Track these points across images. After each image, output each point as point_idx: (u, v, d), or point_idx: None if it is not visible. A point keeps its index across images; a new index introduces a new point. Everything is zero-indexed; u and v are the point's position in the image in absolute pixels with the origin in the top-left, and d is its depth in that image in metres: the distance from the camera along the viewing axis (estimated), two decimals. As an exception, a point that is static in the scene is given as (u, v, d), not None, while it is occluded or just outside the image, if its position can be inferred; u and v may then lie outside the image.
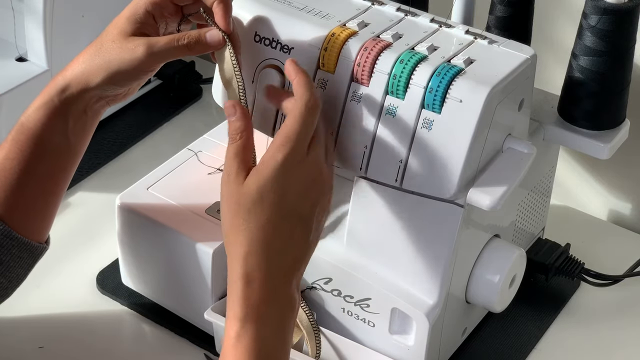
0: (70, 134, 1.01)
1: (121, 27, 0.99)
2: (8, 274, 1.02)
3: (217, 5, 0.97)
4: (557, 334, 1.16)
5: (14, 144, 1.00)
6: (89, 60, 0.99)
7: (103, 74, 0.98)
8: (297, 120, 0.90)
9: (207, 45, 0.97)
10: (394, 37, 0.99)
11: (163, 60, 0.99)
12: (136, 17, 0.99)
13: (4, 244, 1.00)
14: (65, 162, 1.03)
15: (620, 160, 1.26)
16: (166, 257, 1.10)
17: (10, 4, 1.30)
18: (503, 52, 0.99)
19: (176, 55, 0.98)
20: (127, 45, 0.98)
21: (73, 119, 1.01)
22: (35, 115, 1.00)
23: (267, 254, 0.89)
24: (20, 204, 1.01)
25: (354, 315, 1.06)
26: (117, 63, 0.98)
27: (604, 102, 1.09)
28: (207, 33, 0.97)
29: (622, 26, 1.06)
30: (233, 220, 0.89)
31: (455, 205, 0.98)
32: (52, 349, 1.11)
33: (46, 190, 1.02)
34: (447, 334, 1.06)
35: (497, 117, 0.96)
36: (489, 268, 1.05)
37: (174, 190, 1.13)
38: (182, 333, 1.13)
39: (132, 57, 0.97)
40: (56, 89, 1.00)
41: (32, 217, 1.03)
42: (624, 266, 1.22)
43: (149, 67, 0.99)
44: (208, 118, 1.43)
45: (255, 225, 0.89)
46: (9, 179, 1.00)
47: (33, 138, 1.00)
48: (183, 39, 0.97)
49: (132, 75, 0.99)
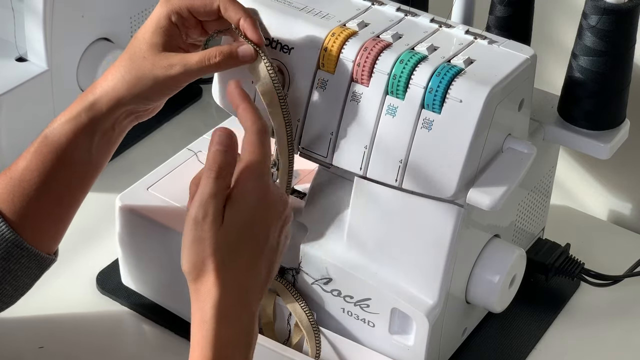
0: (94, 150, 1.01)
1: (150, 41, 0.98)
2: (15, 282, 1.02)
3: (244, 21, 0.97)
4: (557, 334, 1.16)
5: (36, 155, 1.00)
6: (119, 77, 0.99)
7: (135, 90, 0.98)
8: (255, 151, 0.89)
9: (239, 60, 0.97)
10: (394, 37, 0.99)
11: (196, 77, 0.98)
12: (162, 29, 0.98)
13: (13, 253, 1.00)
14: (84, 176, 1.02)
15: (620, 160, 1.26)
16: (166, 257, 1.10)
17: (10, 4, 1.30)
18: (503, 52, 0.99)
19: (209, 71, 0.98)
20: (161, 63, 0.97)
21: (99, 135, 1.00)
22: (61, 130, 0.99)
23: (243, 292, 0.88)
24: (35, 215, 1.00)
25: (354, 315, 1.06)
26: (151, 79, 0.98)
27: (604, 102, 1.09)
28: (239, 48, 0.97)
29: (622, 26, 1.06)
30: (207, 260, 0.87)
31: (455, 205, 0.98)
32: (52, 349, 1.11)
33: (62, 203, 1.02)
34: (447, 334, 1.06)
35: (497, 117, 0.96)
36: (489, 268, 1.05)
37: (174, 190, 1.13)
38: (182, 333, 1.13)
39: (166, 75, 0.97)
40: (84, 105, 0.99)
41: (45, 228, 1.02)
42: (624, 266, 1.22)
43: (183, 83, 0.99)
44: (208, 118, 1.43)
45: (234, 266, 0.88)
46: (27, 190, 0.99)
47: (56, 152, 0.99)
48: (215, 57, 0.96)
49: (164, 92, 0.99)
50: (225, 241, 0.87)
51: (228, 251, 0.87)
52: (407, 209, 1.00)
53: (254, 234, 0.89)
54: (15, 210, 1.00)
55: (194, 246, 0.88)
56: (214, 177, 0.87)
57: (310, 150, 1.02)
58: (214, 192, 0.87)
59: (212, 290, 0.87)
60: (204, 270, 0.87)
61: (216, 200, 0.87)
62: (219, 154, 0.87)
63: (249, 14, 0.98)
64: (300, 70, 1.00)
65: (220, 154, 0.87)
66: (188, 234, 0.88)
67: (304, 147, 1.02)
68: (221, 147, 0.88)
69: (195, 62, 0.97)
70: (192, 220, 0.87)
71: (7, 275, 1.00)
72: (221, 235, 0.87)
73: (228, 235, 0.87)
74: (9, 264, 1.00)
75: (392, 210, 1.01)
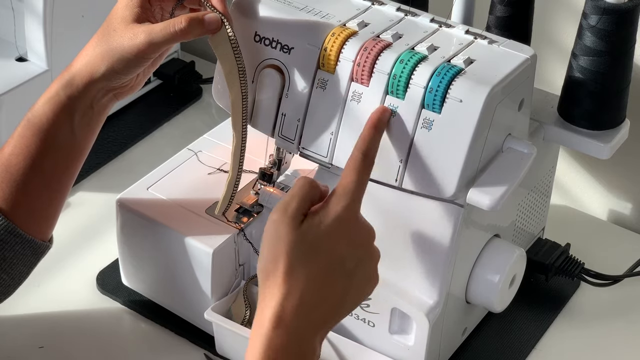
0: (76, 130, 1.01)
1: (121, 15, 0.99)
2: (10, 270, 1.02)
3: None
4: (557, 334, 1.16)
5: (20, 139, 1.00)
6: (91, 51, 0.99)
7: (105, 62, 0.98)
8: (357, 174, 0.89)
9: (205, 27, 0.96)
10: (394, 37, 0.99)
11: (163, 46, 0.98)
12: (134, 2, 0.99)
13: (7, 241, 1.00)
14: (70, 158, 1.02)
15: (620, 160, 1.26)
16: (166, 257, 1.10)
17: (10, 4, 1.30)
18: (503, 52, 0.99)
19: (175, 40, 0.97)
20: (127, 34, 0.97)
21: (79, 114, 1.00)
22: (41, 110, 1.00)
23: (305, 304, 0.85)
24: (25, 200, 1.01)
25: (354, 315, 1.06)
26: (119, 51, 0.97)
27: (604, 102, 1.09)
28: (204, 15, 0.97)
29: (622, 26, 1.06)
30: (278, 260, 0.85)
31: (455, 205, 0.98)
32: (52, 349, 1.11)
33: (51, 187, 1.02)
34: (447, 334, 1.06)
35: (497, 117, 0.96)
36: (489, 268, 1.05)
37: (174, 190, 1.13)
38: (182, 333, 1.13)
39: (131, 44, 0.97)
40: (62, 83, 1.00)
41: (37, 214, 1.03)
42: (624, 266, 1.22)
43: (149, 53, 0.98)
44: (208, 118, 1.43)
45: (302, 272, 0.85)
46: (14, 175, 1.00)
47: (39, 133, 1.00)
48: (180, 23, 0.96)
49: (133, 62, 0.98)
50: (299, 245, 0.86)
51: (300, 255, 0.86)
52: (407, 209, 1.00)
53: (329, 248, 0.87)
54: (4, 196, 1.00)
55: (270, 243, 0.86)
56: (308, 182, 0.87)
57: (310, 150, 1.02)
58: (301, 194, 0.87)
59: (276, 294, 0.85)
60: (274, 271, 0.85)
61: (301, 201, 0.86)
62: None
63: None
64: (300, 70, 1.00)
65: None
66: (266, 231, 0.87)
67: (304, 147, 1.02)
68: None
69: (160, 29, 0.96)
70: (273, 218, 0.86)
71: (2, 263, 1.00)
72: (296, 237, 0.86)
73: (303, 239, 0.86)
74: (3, 251, 1.00)
75: (392, 210, 1.01)
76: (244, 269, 1.10)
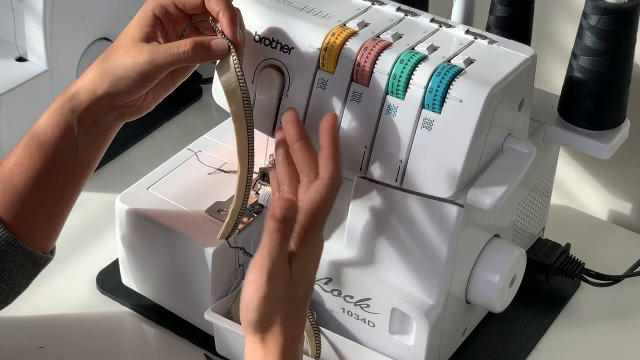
0: (80, 145, 1.00)
1: (131, 33, 0.98)
2: (10, 281, 1.01)
3: (223, 14, 0.95)
4: (557, 334, 1.16)
5: (25, 150, 0.99)
6: (97, 67, 0.99)
7: (108, 79, 0.97)
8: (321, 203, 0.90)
9: (210, 52, 0.95)
10: (394, 37, 0.99)
11: (166, 67, 0.96)
12: (144, 21, 0.98)
13: (8, 252, 0.99)
14: (73, 173, 1.01)
15: (620, 160, 1.26)
16: (166, 257, 1.10)
17: (10, 4, 1.30)
18: (503, 52, 0.99)
19: (178, 62, 0.96)
20: (132, 51, 0.96)
21: (83, 129, 0.99)
22: (46, 122, 0.99)
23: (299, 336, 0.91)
24: (27, 212, 1.00)
25: (354, 315, 1.06)
26: (122, 68, 0.97)
27: (604, 102, 1.09)
28: (211, 40, 0.95)
29: (622, 26, 1.06)
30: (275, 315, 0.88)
31: (455, 205, 0.98)
32: (52, 349, 1.11)
33: (53, 200, 1.01)
34: (447, 334, 1.06)
35: (497, 117, 0.96)
36: (489, 268, 1.05)
37: (174, 190, 1.13)
38: (182, 333, 1.13)
39: (134, 62, 0.96)
40: (67, 96, 0.99)
41: (38, 226, 1.02)
42: (624, 266, 1.22)
43: (152, 73, 0.97)
44: (208, 118, 1.43)
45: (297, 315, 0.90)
46: (17, 185, 0.99)
47: (42, 145, 0.99)
48: (185, 45, 0.95)
49: (135, 81, 0.97)
50: (295, 296, 0.89)
51: (295, 304, 0.89)
52: (407, 209, 1.00)
53: (312, 283, 0.92)
54: (6, 207, 0.99)
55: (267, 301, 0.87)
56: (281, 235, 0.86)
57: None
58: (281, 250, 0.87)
59: (280, 340, 0.88)
60: (273, 322, 0.88)
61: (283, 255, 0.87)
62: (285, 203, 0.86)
63: (230, 8, 0.96)
64: (300, 70, 1.00)
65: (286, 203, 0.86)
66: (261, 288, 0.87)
67: (304, 147, 1.02)
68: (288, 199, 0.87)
69: (164, 50, 0.95)
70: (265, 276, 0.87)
71: (2, 274, 1.00)
72: (291, 292, 0.89)
73: (297, 291, 0.89)
74: (3, 262, 0.99)
75: (392, 210, 1.01)
76: (244, 269, 1.10)
